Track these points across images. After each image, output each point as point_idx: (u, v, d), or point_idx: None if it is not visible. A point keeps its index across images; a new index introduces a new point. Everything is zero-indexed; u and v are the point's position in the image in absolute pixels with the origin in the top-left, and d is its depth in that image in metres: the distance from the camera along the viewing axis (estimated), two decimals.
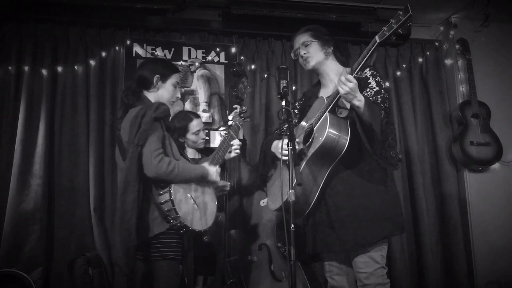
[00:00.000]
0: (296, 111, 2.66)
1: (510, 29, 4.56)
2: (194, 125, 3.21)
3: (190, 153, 3.25)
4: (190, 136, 3.21)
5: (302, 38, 2.50)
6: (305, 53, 2.47)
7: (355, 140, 2.23)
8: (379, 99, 2.27)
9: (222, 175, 3.05)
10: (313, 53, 2.45)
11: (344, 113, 2.28)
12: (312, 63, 2.46)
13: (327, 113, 2.25)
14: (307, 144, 2.32)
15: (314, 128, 2.30)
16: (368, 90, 2.30)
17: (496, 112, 4.31)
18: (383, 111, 2.21)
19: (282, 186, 2.26)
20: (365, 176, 2.29)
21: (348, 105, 2.24)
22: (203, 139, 3.28)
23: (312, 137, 2.30)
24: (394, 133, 2.28)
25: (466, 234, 4.18)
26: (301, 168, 2.21)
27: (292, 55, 2.56)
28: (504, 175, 4.28)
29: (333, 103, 2.24)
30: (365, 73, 2.33)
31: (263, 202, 2.50)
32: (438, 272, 4.13)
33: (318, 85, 2.59)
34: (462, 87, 4.40)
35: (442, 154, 4.32)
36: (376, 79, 2.33)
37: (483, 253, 4.12)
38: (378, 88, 2.30)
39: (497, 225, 4.18)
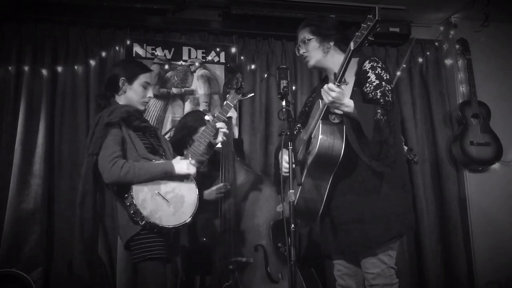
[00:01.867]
0: (306, 108, 2.60)
1: (510, 29, 4.55)
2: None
3: None
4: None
5: (302, 34, 2.43)
6: (304, 52, 2.42)
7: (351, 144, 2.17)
8: (378, 94, 2.18)
9: (214, 175, 3.04)
10: (312, 52, 2.39)
11: (337, 119, 2.22)
12: (311, 62, 2.41)
13: (320, 121, 2.21)
14: (307, 152, 2.29)
15: (312, 136, 2.27)
16: (367, 85, 2.22)
17: (496, 112, 4.30)
18: (379, 110, 2.12)
19: (282, 189, 2.24)
20: (364, 178, 2.24)
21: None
22: None
23: (310, 145, 2.27)
24: (394, 131, 2.16)
25: (466, 234, 4.18)
26: (303, 178, 2.18)
27: (296, 51, 2.50)
28: (504, 175, 4.28)
29: (323, 111, 2.20)
30: (364, 66, 2.25)
31: (280, 207, 2.46)
32: (438, 272, 4.12)
33: (326, 79, 2.52)
34: (462, 87, 4.40)
35: (442, 154, 4.32)
36: (376, 72, 2.23)
37: (483, 253, 4.11)
38: (378, 82, 2.20)
39: (497, 225, 4.18)
